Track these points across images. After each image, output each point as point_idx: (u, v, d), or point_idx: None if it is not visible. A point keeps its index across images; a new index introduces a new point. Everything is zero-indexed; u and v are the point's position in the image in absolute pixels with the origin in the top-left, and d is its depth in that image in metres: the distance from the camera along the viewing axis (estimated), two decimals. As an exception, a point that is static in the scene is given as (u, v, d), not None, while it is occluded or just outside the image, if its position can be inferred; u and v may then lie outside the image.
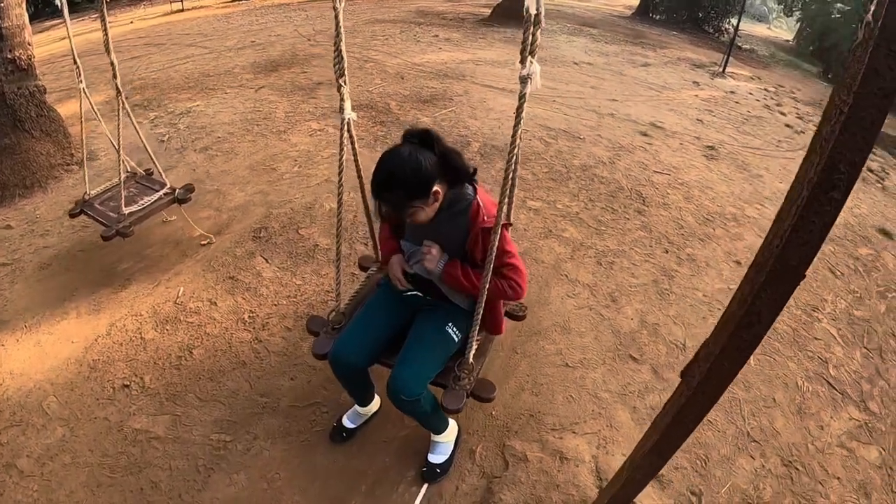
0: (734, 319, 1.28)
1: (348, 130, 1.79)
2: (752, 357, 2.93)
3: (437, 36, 8.72)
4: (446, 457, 2.07)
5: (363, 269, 2.39)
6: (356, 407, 2.16)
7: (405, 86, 6.13)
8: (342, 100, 1.72)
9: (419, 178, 1.56)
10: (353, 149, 1.86)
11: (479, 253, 1.70)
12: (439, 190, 1.62)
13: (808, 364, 2.96)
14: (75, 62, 2.82)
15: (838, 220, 3.89)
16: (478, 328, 1.75)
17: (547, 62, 7.89)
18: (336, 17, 1.65)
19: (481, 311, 1.70)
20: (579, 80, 7.20)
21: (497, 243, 1.55)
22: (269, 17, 10.10)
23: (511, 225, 1.85)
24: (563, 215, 3.79)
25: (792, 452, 2.43)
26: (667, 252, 3.58)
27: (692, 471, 2.28)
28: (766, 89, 8.29)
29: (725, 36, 13.84)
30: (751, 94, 7.78)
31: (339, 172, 1.87)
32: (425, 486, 2.01)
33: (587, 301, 3.04)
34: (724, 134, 5.92)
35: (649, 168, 4.73)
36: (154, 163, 3.12)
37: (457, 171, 1.67)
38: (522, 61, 1.30)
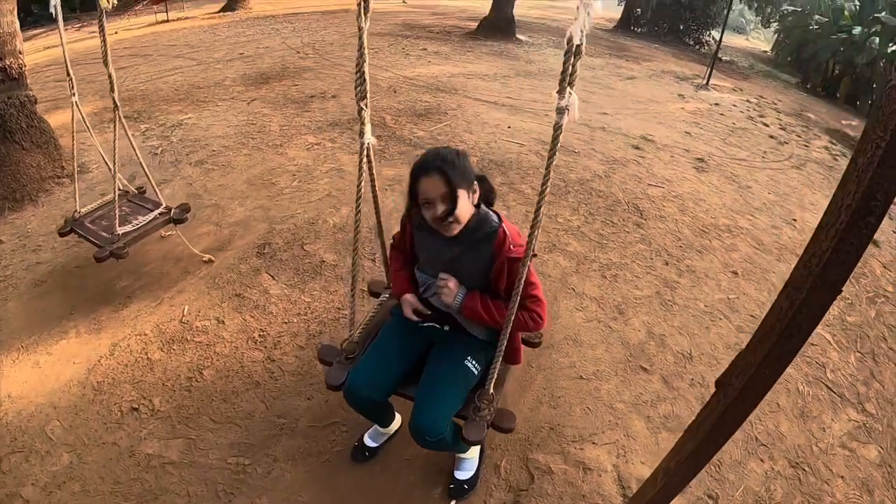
0: (775, 331, 1.33)
1: (367, 155, 1.70)
2: (756, 366, 3.00)
3: (425, 49, 8.79)
4: (472, 473, 2.06)
5: (373, 294, 2.32)
6: (377, 426, 2.14)
7: (398, 100, 6.15)
8: (362, 123, 1.63)
9: (465, 165, 1.59)
10: (371, 175, 1.78)
11: (503, 283, 1.67)
12: (478, 190, 1.64)
13: (806, 369, 3.04)
14: (68, 74, 2.72)
15: None
16: (500, 357, 1.71)
17: (536, 76, 8.01)
18: (360, 37, 1.59)
19: (504, 345, 1.66)
20: (568, 93, 7.30)
21: (523, 277, 1.51)
22: (255, 30, 10.04)
23: (536, 255, 1.86)
24: (566, 229, 3.83)
25: (798, 454, 2.50)
26: (667, 264, 3.64)
27: (707, 475, 2.34)
28: (748, 100, 8.53)
29: (706, 48, 14.24)
30: (734, 105, 8.00)
31: (357, 200, 1.74)
32: (453, 503, 2.00)
33: (595, 314, 3.07)
34: (712, 146, 6.07)
35: (644, 181, 4.81)
36: (149, 180, 3.04)
37: (487, 192, 1.68)
38: (560, 92, 1.26)
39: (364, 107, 1.61)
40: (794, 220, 4.60)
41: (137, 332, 2.69)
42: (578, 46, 1.23)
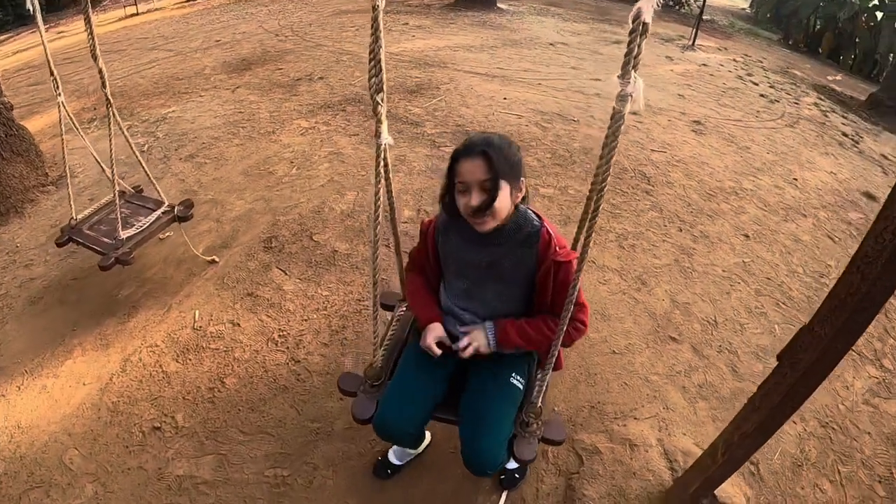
0: (847, 306, 1.29)
1: (384, 158, 1.40)
2: (777, 327, 3.00)
3: (407, 24, 8.49)
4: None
5: (386, 307, 2.09)
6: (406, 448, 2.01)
7: (388, 76, 5.85)
8: (378, 122, 1.34)
9: (515, 156, 1.43)
10: (388, 179, 1.48)
11: (549, 289, 1.51)
12: (524, 190, 1.49)
13: (829, 330, 3.03)
14: (52, 73, 2.53)
15: (826, 186, 4.01)
16: (549, 372, 1.58)
17: (523, 45, 7.81)
18: (375, 18, 1.23)
19: (553, 361, 1.51)
20: (559, 61, 7.15)
21: (577, 284, 1.32)
22: (230, 15, 9.61)
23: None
24: (577, 201, 3.75)
25: (826, 414, 2.52)
26: (681, 231, 3.60)
27: (746, 445, 2.32)
28: (734, 60, 8.45)
29: (686, 8, 14.07)
30: (722, 65, 7.92)
31: (375, 211, 1.44)
32: (505, 493, 1.95)
33: (619, 286, 3.02)
34: (707, 108, 6.00)
35: (646, 147, 4.74)
36: (149, 177, 2.87)
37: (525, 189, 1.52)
38: (624, 76, 1.08)
39: (380, 101, 1.33)
40: (795, 179, 4.58)
41: (148, 344, 2.56)
42: (646, 24, 1.03)
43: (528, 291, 1.57)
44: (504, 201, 1.42)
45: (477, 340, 1.56)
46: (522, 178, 1.47)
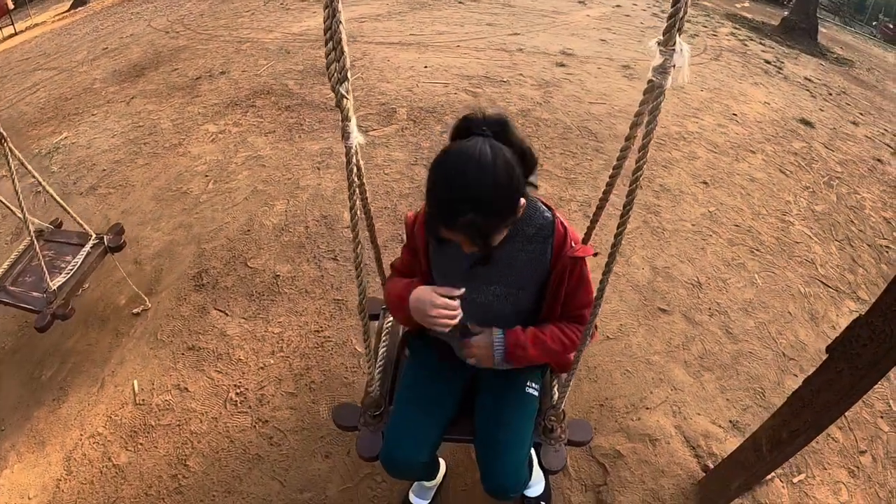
0: None
1: (357, 163, 1.12)
2: (757, 277, 2.95)
3: (304, 2, 7.77)
4: (542, 484, 1.79)
5: (371, 317, 1.79)
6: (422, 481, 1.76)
7: (295, 60, 5.37)
8: (345, 119, 1.02)
9: (512, 190, 1.08)
10: (361, 182, 1.21)
11: (563, 290, 1.28)
12: (525, 198, 1.16)
13: (801, 269, 3.04)
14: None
15: (765, 118, 3.95)
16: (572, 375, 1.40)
17: (431, 6, 7.38)
18: None
19: (576, 367, 1.34)
20: (472, 19, 6.79)
21: (605, 286, 1.15)
22: (114, 19, 8.51)
23: (598, 253, 1.32)
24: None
25: (821, 360, 2.49)
26: (641, 188, 3.45)
27: (756, 406, 2.28)
28: (645, -3, 8.43)
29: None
30: (635, 4, 7.86)
31: (353, 222, 1.15)
32: (535, 530, 1.74)
33: (596, 261, 2.83)
34: (631, 50, 5.90)
35: (584, 100, 4.56)
36: (65, 209, 2.43)
37: (531, 167, 1.16)
38: (667, 42, 0.84)
39: (345, 94, 0.99)
40: (735, 114, 4.59)
41: (89, 434, 2.09)
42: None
43: (538, 294, 1.31)
44: (501, 236, 1.16)
45: (480, 346, 1.30)
46: (523, 196, 1.12)
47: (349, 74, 0.98)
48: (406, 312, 1.26)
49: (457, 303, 1.21)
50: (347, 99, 1.00)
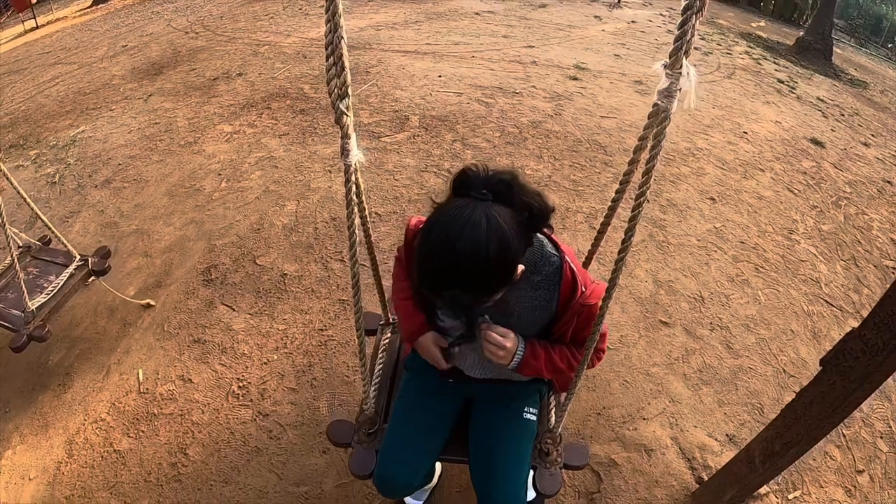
0: None
1: (356, 181, 1.10)
2: (761, 293, 2.95)
3: (324, 7, 7.91)
4: (533, 492, 1.80)
5: (368, 333, 1.77)
6: None
7: (311, 65, 5.46)
8: (345, 136, 1.00)
9: (506, 262, 1.00)
10: (360, 200, 1.18)
11: (570, 332, 1.25)
12: (523, 265, 1.09)
13: (804, 288, 3.03)
14: None
15: (776, 136, 3.94)
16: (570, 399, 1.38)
17: (448, 17, 7.47)
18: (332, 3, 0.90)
19: (574, 390, 1.31)
20: (488, 30, 6.87)
21: (604, 314, 1.11)
22: (135, 17, 8.69)
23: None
24: (537, 181, 3.55)
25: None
26: (648, 201, 3.48)
27: (754, 421, 2.27)
28: (661, 14, 8.47)
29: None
30: (650, 21, 7.90)
31: (351, 243, 1.15)
32: (528, 536, 1.75)
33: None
34: (644, 66, 5.93)
35: (595, 114, 4.59)
36: (51, 229, 2.40)
37: (539, 223, 1.09)
38: (673, 65, 0.82)
39: (345, 110, 0.97)
40: (745, 132, 4.59)
41: (92, 420, 2.14)
42: (703, 1, 0.79)
43: (541, 335, 1.27)
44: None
45: (507, 347, 1.18)
46: (519, 263, 1.05)
47: (350, 91, 0.95)
48: (411, 331, 1.34)
49: (446, 365, 1.32)
50: (347, 116, 0.97)
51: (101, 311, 2.65)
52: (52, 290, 2.26)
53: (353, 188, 1.09)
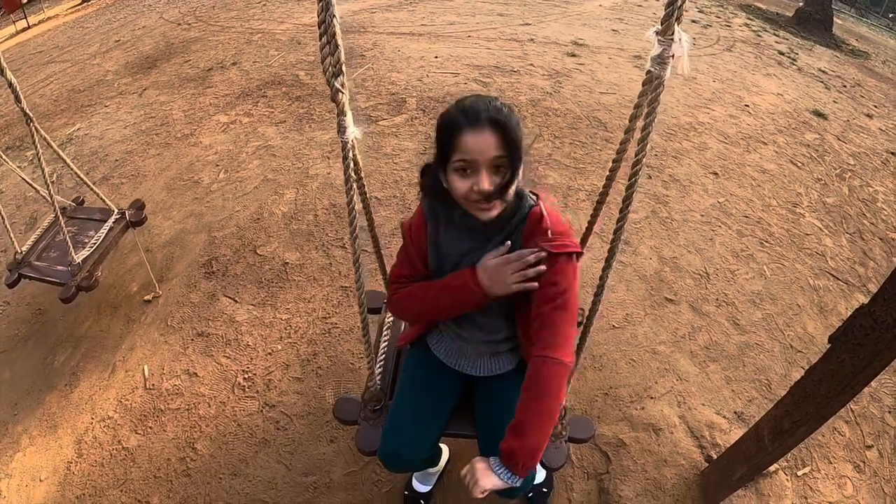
0: None
1: (353, 157, 1.10)
2: (766, 268, 2.92)
3: (314, -13, 7.78)
4: (543, 472, 1.80)
5: (372, 311, 1.79)
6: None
7: (306, 51, 5.38)
8: (341, 113, 1.02)
9: (520, 131, 1.05)
10: (359, 177, 1.19)
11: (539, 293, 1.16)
12: (506, 205, 1.12)
13: (810, 262, 3.00)
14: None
15: (778, 109, 3.87)
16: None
17: (442, -5, 7.32)
18: None
19: (576, 371, 1.32)
20: (483, 9, 6.75)
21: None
22: (126, 11, 8.55)
23: (581, 253, 1.23)
24: (538, 160, 3.50)
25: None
26: (650, 177, 3.44)
27: (762, 398, 2.27)
28: (658, -13, 8.30)
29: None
30: (647, -7, 7.75)
31: (351, 223, 1.15)
32: (537, 514, 1.76)
33: (602, 251, 2.82)
34: (643, 41, 5.82)
35: (594, 90, 4.52)
36: (88, 185, 2.54)
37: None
38: (665, 32, 0.84)
39: (341, 88, 0.98)
40: (747, 105, 4.52)
41: (100, 418, 2.14)
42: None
43: (518, 295, 1.20)
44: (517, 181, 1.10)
45: (482, 478, 1.11)
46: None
47: (344, 68, 0.95)
48: (430, 311, 1.32)
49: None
50: (343, 93, 0.98)
51: (105, 308, 2.64)
52: (94, 244, 2.42)
53: (352, 164, 1.08)
